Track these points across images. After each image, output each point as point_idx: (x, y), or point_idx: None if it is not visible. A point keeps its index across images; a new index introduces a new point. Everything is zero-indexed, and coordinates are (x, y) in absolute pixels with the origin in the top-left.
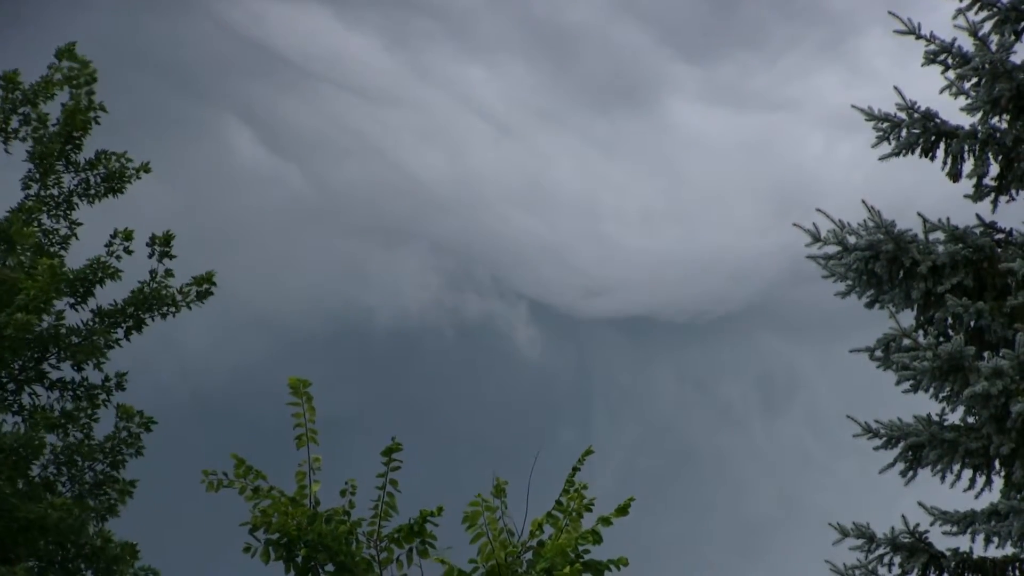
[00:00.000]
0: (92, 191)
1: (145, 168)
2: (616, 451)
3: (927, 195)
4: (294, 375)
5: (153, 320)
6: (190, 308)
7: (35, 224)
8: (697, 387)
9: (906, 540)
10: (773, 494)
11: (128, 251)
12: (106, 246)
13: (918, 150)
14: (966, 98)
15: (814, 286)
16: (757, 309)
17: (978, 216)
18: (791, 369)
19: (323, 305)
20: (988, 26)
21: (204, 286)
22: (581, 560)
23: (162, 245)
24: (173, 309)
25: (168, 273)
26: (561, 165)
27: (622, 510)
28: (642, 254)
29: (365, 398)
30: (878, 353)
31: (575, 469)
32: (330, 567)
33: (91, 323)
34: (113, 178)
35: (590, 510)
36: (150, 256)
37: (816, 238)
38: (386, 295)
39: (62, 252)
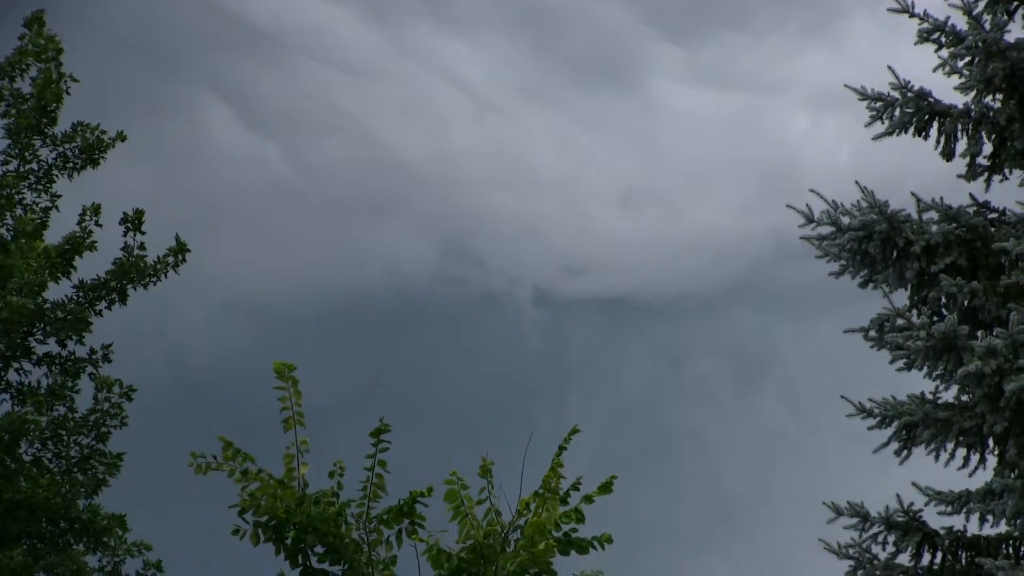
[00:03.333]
0: (71, 164)
1: (121, 137)
2: (591, 430)
3: (914, 175)
4: (278, 358)
5: (135, 290)
6: (166, 276)
7: (15, 199)
8: (674, 366)
9: (900, 519)
10: (748, 471)
11: (98, 224)
12: (78, 223)
13: (911, 129)
14: (959, 77)
15: (799, 266)
16: (739, 290)
17: (971, 196)
18: (769, 348)
19: (306, 286)
20: (982, 5)
21: (179, 255)
22: (567, 539)
23: (134, 222)
24: (154, 279)
25: (142, 246)
26: (542, 142)
27: (605, 488)
28: (623, 233)
29: (352, 379)
30: (872, 333)
31: (561, 448)
32: (319, 548)
33: (75, 297)
34: (90, 149)
35: (577, 489)
36: (124, 235)
37: (809, 219)
38: (368, 275)
39: (44, 226)
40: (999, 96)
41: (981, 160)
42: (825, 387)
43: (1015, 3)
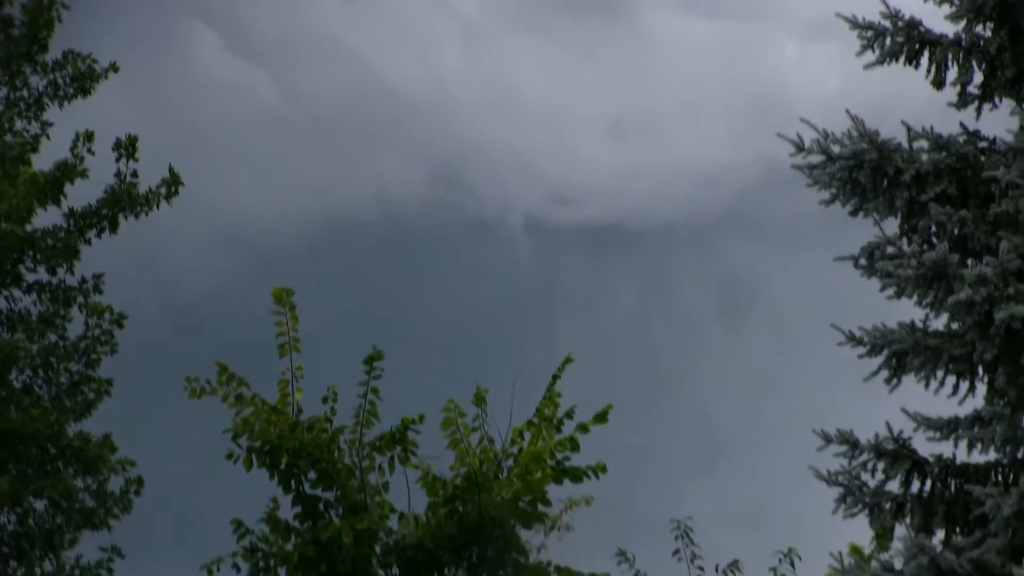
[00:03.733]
0: (61, 92)
1: (114, 68)
2: (578, 359)
3: (904, 104)
4: (267, 287)
5: (127, 219)
6: (159, 207)
7: (5, 126)
8: (662, 296)
9: (890, 447)
10: (736, 400)
11: (91, 151)
12: (71, 149)
13: (902, 58)
14: (950, 6)
15: (788, 196)
16: (728, 219)
17: (961, 124)
18: (757, 278)
19: (295, 213)
20: None
21: (172, 186)
22: (561, 467)
23: (127, 148)
24: (146, 208)
25: (135, 174)
26: (532, 70)
27: (600, 417)
28: (612, 162)
29: (341, 307)
30: (862, 261)
31: (555, 377)
32: (312, 474)
33: (65, 225)
34: (81, 79)
35: (571, 418)
36: (116, 160)
37: (800, 148)
38: (357, 202)
39: (32, 151)
40: (989, 25)
41: (971, 89)
42: (813, 316)
43: None
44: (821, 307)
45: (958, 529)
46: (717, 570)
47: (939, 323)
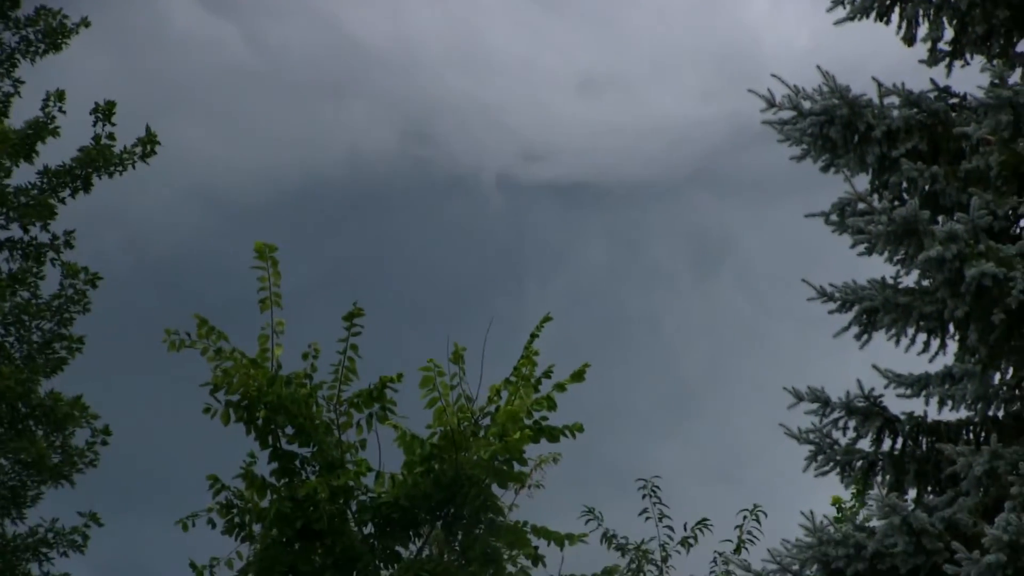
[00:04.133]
0: (33, 48)
1: (85, 23)
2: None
3: (874, 61)
4: (239, 244)
5: (100, 179)
6: (135, 167)
7: None
8: (631, 252)
9: (861, 404)
10: (705, 356)
11: (62, 110)
12: (41, 109)
13: (873, 14)
14: None
15: (758, 152)
16: (697, 175)
17: (932, 81)
18: (727, 234)
19: (264, 169)
20: None
21: (148, 146)
22: (538, 426)
23: (105, 113)
24: (120, 168)
25: (111, 137)
26: (501, 24)
27: (577, 376)
28: (582, 118)
29: (315, 265)
30: (833, 217)
31: (533, 336)
32: (289, 430)
33: (39, 183)
34: (53, 34)
35: (549, 376)
36: (94, 124)
37: (771, 103)
38: (328, 159)
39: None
40: None
41: (942, 45)
42: (782, 273)
43: None
44: (791, 263)
45: (930, 488)
46: (686, 528)
47: (910, 280)
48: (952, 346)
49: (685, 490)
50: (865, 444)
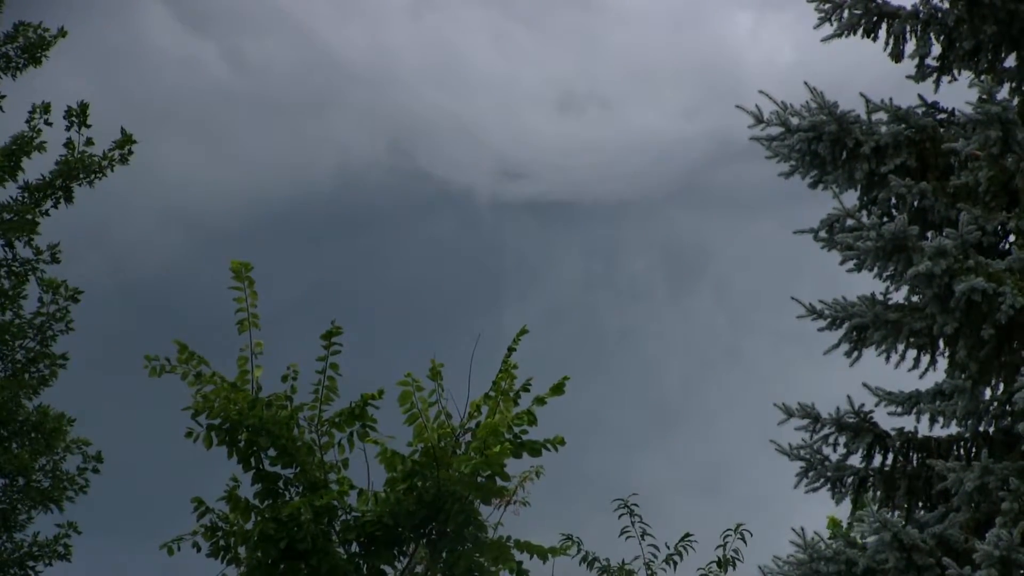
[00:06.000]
0: (13, 64)
1: (63, 33)
2: (527, 333)
3: (859, 76)
4: (219, 264)
5: (81, 186)
6: (113, 171)
7: None
8: (608, 270)
9: (851, 420)
10: (684, 373)
11: (48, 123)
12: (27, 121)
13: (860, 31)
14: None
15: (741, 169)
16: (679, 193)
17: (920, 96)
18: (706, 250)
19: (244, 188)
20: None
21: (126, 147)
22: (519, 440)
23: (79, 116)
24: (99, 175)
25: (89, 142)
26: (480, 40)
27: (557, 389)
28: (562, 136)
29: (291, 287)
30: (822, 234)
31: (511, 349)
32: (272, 451)
33: (21, 199)
34: (32, 48)
35: (528, 390)
36: (67, 128)
37: (759, 120)
38: (307, 177)
39: None
40: None
41: (930, 61)
42: (761, 288)
43: None
44: (770, 278)
45: (921, 504)
46: (668, 547)
47: (899, 296)
48: (942, 362)
49: (666, 503)
50: (856, 460)
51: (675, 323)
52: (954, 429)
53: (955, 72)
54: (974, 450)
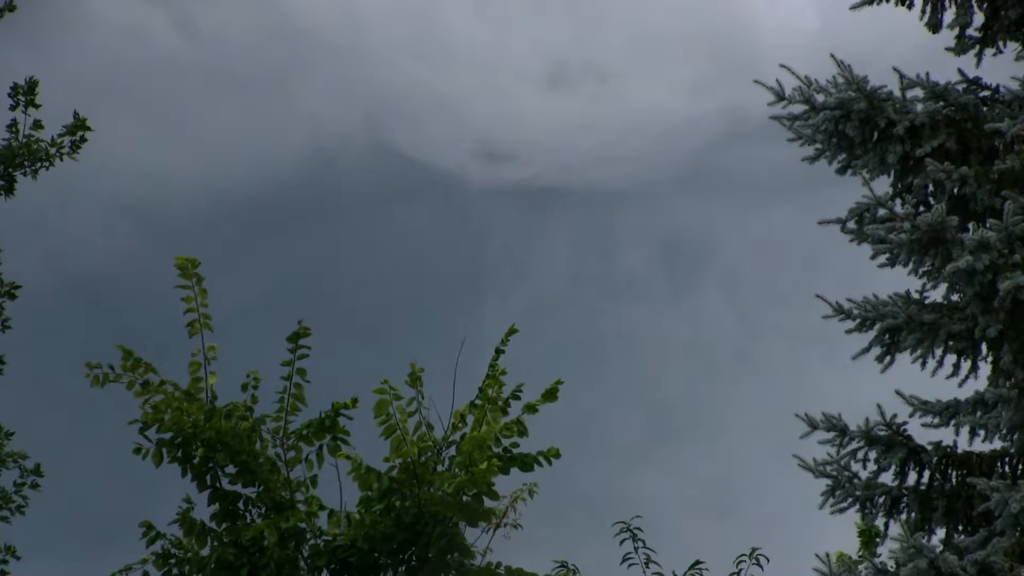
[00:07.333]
0: None
1: (10, 7)
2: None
3: (891, 47)
4: (171, 259)
5: (25, 176)
6: (63, 160)
7: None
8: (605, 263)
9: (882, 433)
10: (688, 376)
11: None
12: None
13: None
14: None
15: (756, 150)
16: (685, 178)
17: (960, 71)
18: (714, 241)
19: (202, 174)
20: None
21: (78, 134)
22: (508, 454)
23: (27, 94)
24: (47, 163)
25: (37, 124)
26: (460, 5)
27: (549, 395)
28: (554, 114)
29: (253, 285)
30: (850, 225)
31: (498, 351)
32: (231, 468)
33: None
34: None
35: (518, 397)
36: (13, 108)
37: (780, 96)
38: (268, 161)
39: None
40: None
41: (971, 32)
42: (776, 285)
43: None
44: (784, 272)
45: (960, 527)
46: None
47: (937, 294)
48: (984, 369)
49: (672, 525)
50: (887, 477)
51: (678, 323)
52: (997, 444)
53: (999, 44)
54: (1020, 467)
